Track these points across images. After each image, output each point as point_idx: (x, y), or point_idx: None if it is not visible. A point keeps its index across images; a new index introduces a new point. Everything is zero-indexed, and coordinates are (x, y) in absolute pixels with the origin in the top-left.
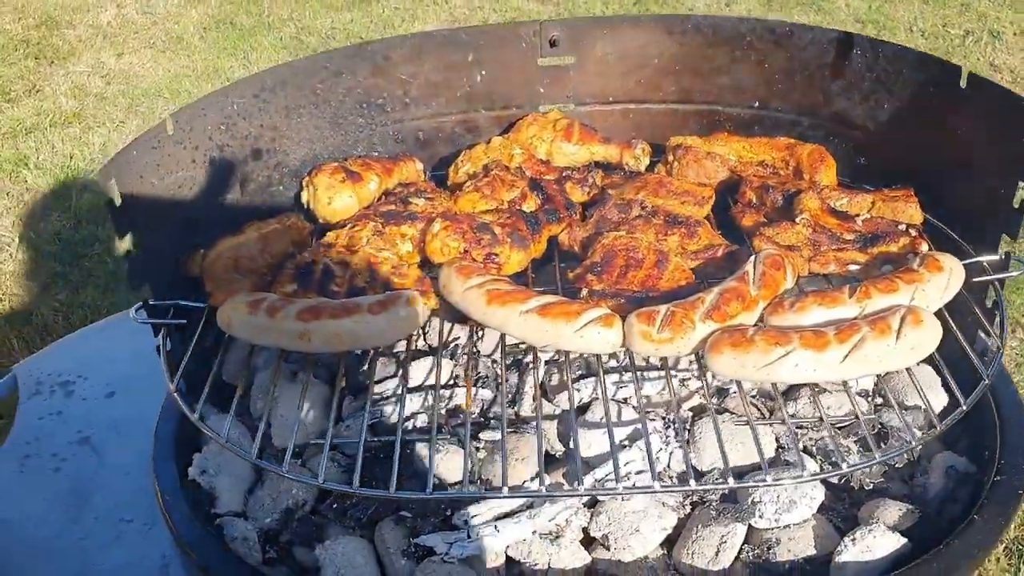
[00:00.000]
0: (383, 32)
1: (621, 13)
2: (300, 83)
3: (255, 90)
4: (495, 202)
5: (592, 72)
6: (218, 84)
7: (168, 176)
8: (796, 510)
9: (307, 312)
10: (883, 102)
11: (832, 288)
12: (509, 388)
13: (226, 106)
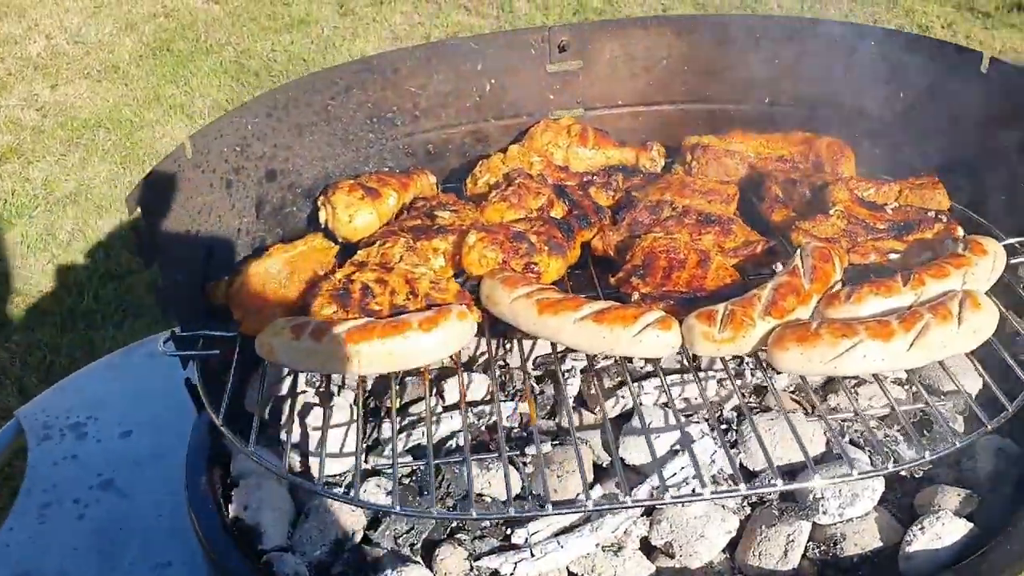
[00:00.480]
0: (325, 53)
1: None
2: (311, 100)
3: (268, 108)
4: (523, 211)
5: (601, 76)
6: (160, 112)
7: (189, 202)
8: (859, 503)
9: (356, 333)
10: (898, 91)
11: (886, 277)
12: (546, 400)
13: (241, 127)
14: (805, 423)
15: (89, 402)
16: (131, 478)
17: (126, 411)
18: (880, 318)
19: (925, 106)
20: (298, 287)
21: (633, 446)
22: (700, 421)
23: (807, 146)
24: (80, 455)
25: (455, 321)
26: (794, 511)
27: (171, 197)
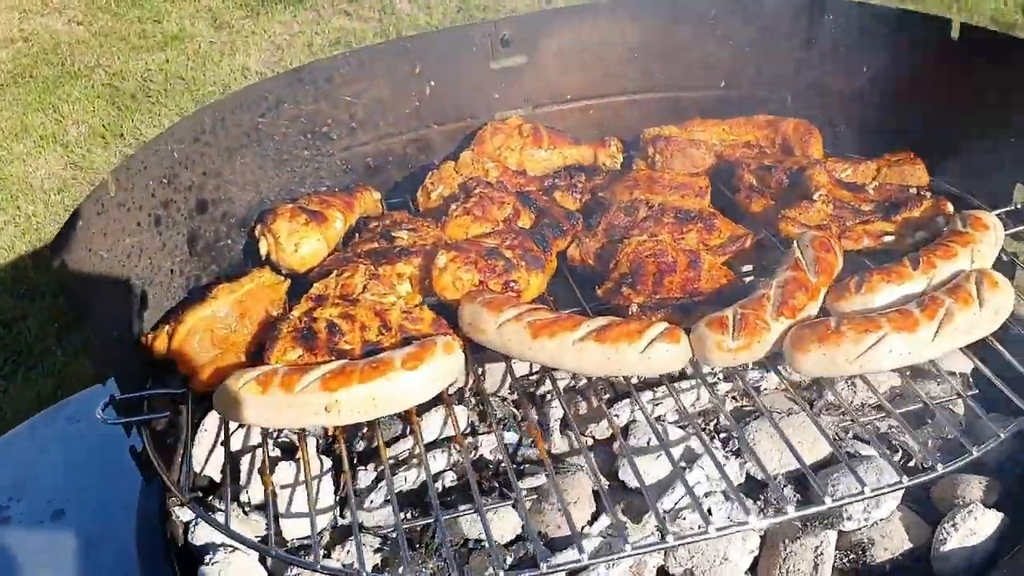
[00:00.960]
0: (203, 69)
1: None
2: (239, 119)
3: (195, 132)
4: (489, 223)
5: (548, 70)
6: (30, 144)
7: (116, 245)
8: (884, 504)
9: (332, 379)
10: (862, 65)
11: (893, 263)
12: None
13: (167, 155)
14: (807, 424)
15: (8, 481)
16: (69, 568)
17: (55, 487)
18: (900, 308)
19: (892, 79)
20: (250, 331)
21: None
22: (697, 433)
23: (772, 129)
24: (4, 545)
25: (441, 355)
26: (817, 520)
27: (97, 242)
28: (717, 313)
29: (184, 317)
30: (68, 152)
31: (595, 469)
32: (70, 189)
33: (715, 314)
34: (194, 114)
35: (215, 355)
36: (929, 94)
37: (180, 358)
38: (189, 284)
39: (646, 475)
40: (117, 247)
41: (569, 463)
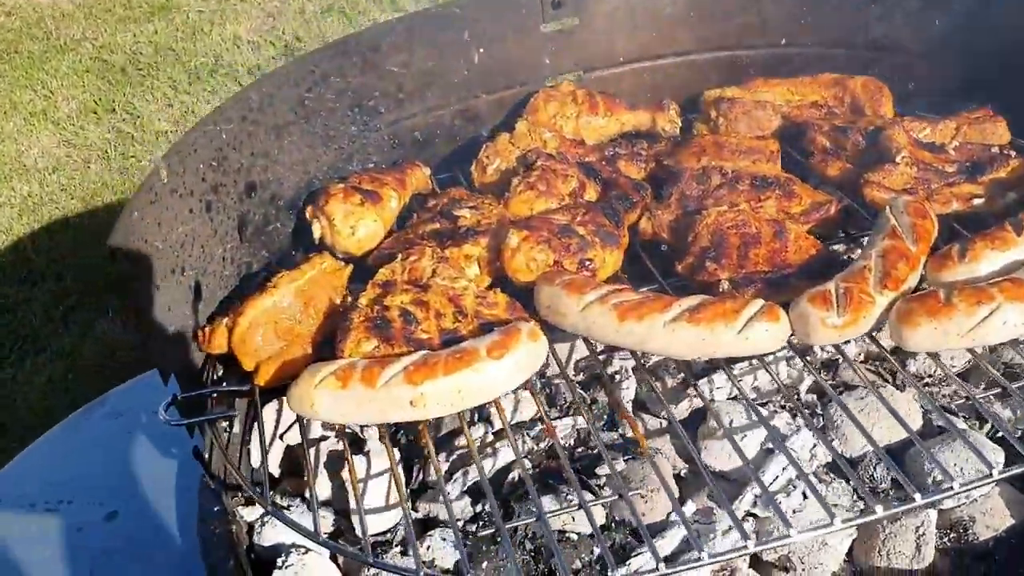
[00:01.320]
0: (194, 40)
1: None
2: (287, 95)
3: (242, 111)
4: (554, 198)
5: (600, 32)
6: (19, 121)
7: (171, 234)
8: None
9: (415, 371)
10: (932, 18)
11: (994, 228)
12: (600, 408)
13: (216, 136)
14: (897, 397)
15: (54, 483)
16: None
17: (105, 487)
18: (1011, 277)
19: (963, 30)
20: (315, 321)
21: (716, 450)
22: (779, 410)
23: (840, 88)
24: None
25: (527, 342)
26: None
27: (151, 232)
28: (818, 288)
29: (245, 309)
30: (60, 129)
31: (690, 445)
32: (65, 168)
33: (815, 289)
34: (241, 92)
35: (280, 348)
36: (1005, 48)
37: (243, 352)
38: (240, 272)
39: (730, 458)
40: (171, 236)
41: (650, 448)
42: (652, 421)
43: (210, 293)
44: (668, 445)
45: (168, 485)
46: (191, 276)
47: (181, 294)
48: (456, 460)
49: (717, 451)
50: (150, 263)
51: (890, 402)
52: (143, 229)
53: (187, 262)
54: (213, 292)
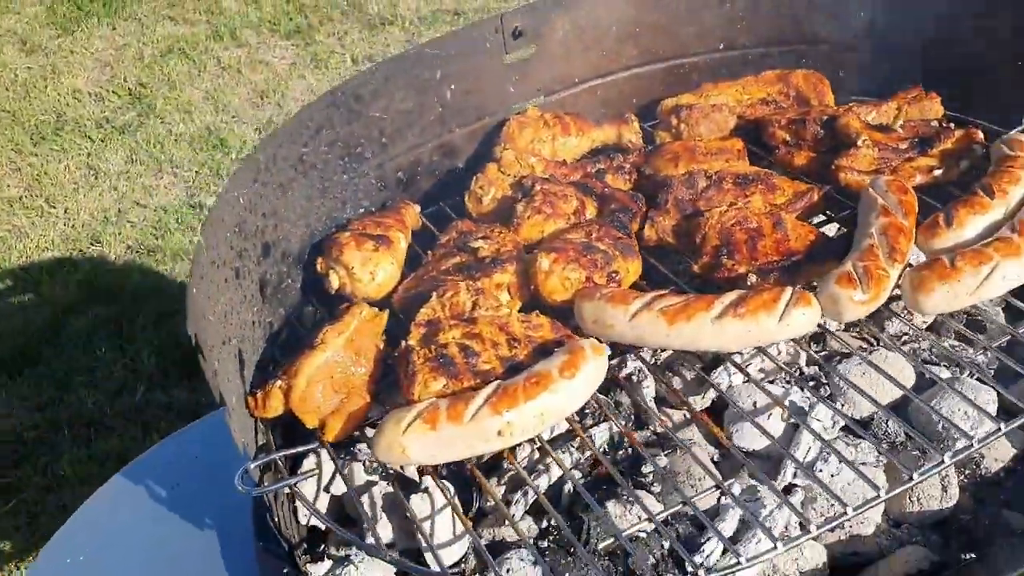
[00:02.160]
0: (29, 99)
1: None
2: (288, 153)
3: (253, 174)
4: (561, 219)
5: (555, 56)
6: None
7: (217, 307)
8: (986, 420)
9: (499, 401)
10: (856, 10)
11: (970, 195)
12: (626, 410)
13: (235, 203)
14: (890, 358)
15: None
16: None
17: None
18: (1000, 236)
19: (887, 18)
20: (368, 369)
21: (748, 431)
22: (787, 387)
23: (783, 83)
24: None
25: (593, 358)
26: (934, 447)
27: (207, 308)
28: (840, 269)
29: (299, 368)
30: None
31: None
32: None
33: (839, 271)
34: (251, 155)
35: (340, 401)
36: (922, 30)
37: (305, 411)
38: (266, 334)
39: (756, 438)
40: (218, 309)
41: (675, 439)
42: (676, 415)
43: (248, 359)
44: (697, 434)
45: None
46: (235, 345)
47: (232, 364)
48: (507, 484)
49: (749, 432)
50: (210, 338)
51: (884, 364)
52: (203, 306)
53: (230, 331)
54: (250, 357)
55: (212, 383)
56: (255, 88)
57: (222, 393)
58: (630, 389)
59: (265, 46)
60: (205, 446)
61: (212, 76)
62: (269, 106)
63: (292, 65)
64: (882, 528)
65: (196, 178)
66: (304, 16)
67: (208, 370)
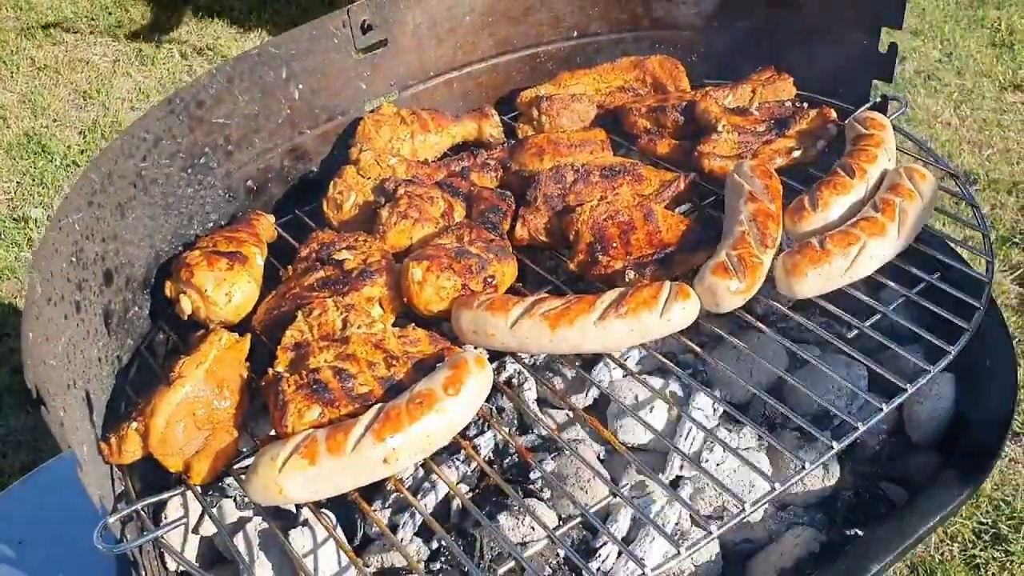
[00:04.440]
0: None
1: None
2: (124, 169)
3: (87, 195)
4: (430, 223)
5: (408, 49)
6: None
7: (58, 349)
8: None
9: (382, 427)
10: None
11: (831, 176)
12: (508, 415)
13: (70, 230)
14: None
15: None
16: None
17: None
18: (864, 216)
19: (737, 3)
20: (232, 401)
21: (632, 426)
22: (666, 377)
23: (640, 69)
24: None
25: (476, 371)
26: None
27: (46, 352)
28: (714, 260)
29: (156, 407)
30: None
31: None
32: None
33: (713, 261)
34: (83, 175)
35: (205, 438)
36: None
37: (165, 454)
38: (115, 370)
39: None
40: (58, 350)
41: (560, 442)
42: (559, 414)
43: (97, 400)
44: (583, 433)
45: None
46: (81, 388)
47: (80, 410)
48: (392, 506)
49: (632, 427)
50: (52, 385)
51: (756, 346)
52: (41, 353)
53: (75, 373)
54: (99, 399)
55: (58, 435)
56: (76, 88)
57: (71, 445)
58: (511, 393)
59: (84, 43)
60: (50, 494)
61: (27, 77)
62: (94, 107)
63: (115, 63)
64: (769, 512)
65: (18, 189)
66: (124, 10)
67: (53, 422)
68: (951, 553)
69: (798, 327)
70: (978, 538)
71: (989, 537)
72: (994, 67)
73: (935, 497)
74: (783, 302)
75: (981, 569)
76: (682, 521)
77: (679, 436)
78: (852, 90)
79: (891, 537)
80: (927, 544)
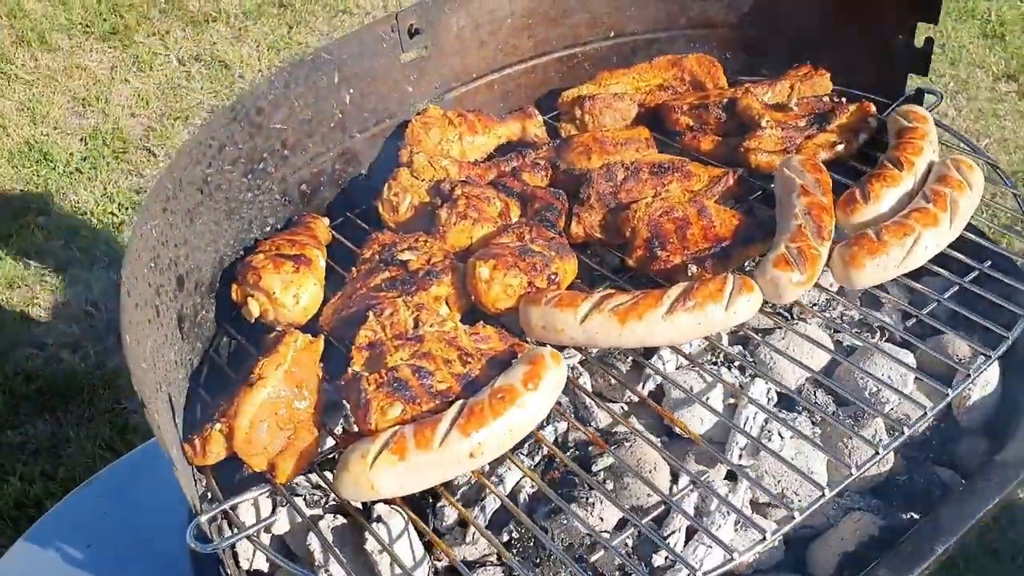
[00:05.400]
0: None
1: None
2: (192, 176)
3: (162, 203)
4: (488, 223)
5: (451, 53)
6: None
7: (146, 352)
8: (908, 379)
9: (467, 422)
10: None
11: (880, 168)
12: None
13: (148, 236)
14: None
15: None
16: None
17: None
18: (916, 207)
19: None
20: (312, 400)
21: (687, 417)
22: (715, 368)
23: (678, 68)
24: None
25: (553, 366)
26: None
27: (140, 357)
28: (775, 253)
29: (238, 409)
30: None
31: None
32: None
33: (774, 254)
34: (157, 183)
35: (287, 438)
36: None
37: (251, 453)
38: (188, 373)
39: (702, 422)
40: (146, 353)
41: (620, 434)
42: (615, 408)
43: (177, 403)
44: (639, 425)
45: None
46: (165, 391)
47: (167, 413)
48: (461, 500)
49: (688, 418)
50: (147, 388)
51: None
52: (139, 354)
53: (159, 377)
54: (178, 401)
55: (160, 438)
56: (75, 96)
57: (168, 447)
58: (568, 387)
59: (80, 50)
60: (111, 499)
61: (24, 85)
62: (93, 114)
63: (113, 69)
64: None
65: (21, 197)
66: (119, 16)
67: (152, 425)
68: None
69: (841, 318)
70: (995, 522)
71: (1005, 522)
72: (987, 57)
73: (993, 479)
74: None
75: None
76: (744, 507)
77: (738, 423)
78: (886, 84)
79: (954, 519)
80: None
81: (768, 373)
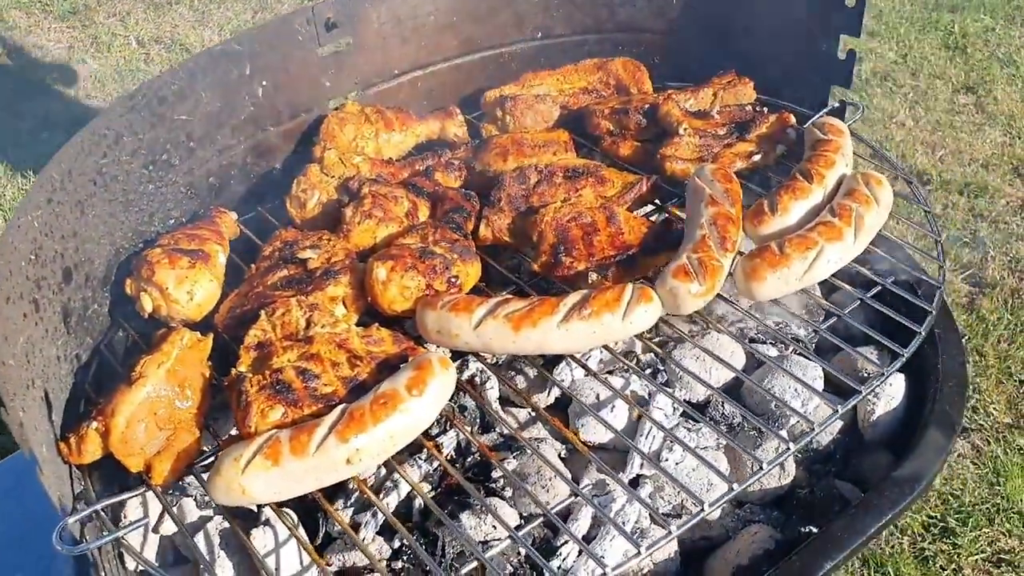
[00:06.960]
0: None
1: None
2: (84, 166)
3: (47, 193)
4: (394, 223)
5: (372, 48)
6: None
7: (17, 348)
8: (815, 397)
9: (345, 428)
10: None
11: (791, 180)
12: (471, 414)
13: (29, 227)
14: (723, 340)
15: None
16: None
17: None
18: (822, 220)
19: (701, 8)
20: (195, 401)
21: (593, 425)
22: (627, 376)
23: (603, 71)
24: None
25: (440, 372)
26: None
27: (4, 353)
28: (676, 263)
29: (116, 407)
30: None
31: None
32: None
33: (674, 264)
34: (43, 173)
35: (166, 439)
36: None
37: (127, 453)
38: (74, 368)
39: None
40: (17, 350)
41: (523, 441)
42: (521, 413)
43: (56, 400)
44: (544, 431)
45: None
46: (40, 387)
47: (39, 410)
48: (355, 505)
49: (594, 426)
50: (11, 385)
51: (716, 346)
52: (4, 350)
53: (34, 373)
54: (58, 398)
55: (17, 436)
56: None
57: (30, 446)
58: (473, 392)
59: (38, 28)
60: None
61: None
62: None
63: (70, 49)
64: (726, 510)
65: None
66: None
67: (12, 423)
68: (901, 546)
69: (755, 329)
70: (927, 531)
71: (938, 530)
72: (947, 69)
73: (887, 495)
74: (742, 303)
75: (930, 562)
76: (642, 520)
77: (639, 435)
78: (810, 95)
79: (845, 535)
80: (878, 538)
81: (678, 381)
